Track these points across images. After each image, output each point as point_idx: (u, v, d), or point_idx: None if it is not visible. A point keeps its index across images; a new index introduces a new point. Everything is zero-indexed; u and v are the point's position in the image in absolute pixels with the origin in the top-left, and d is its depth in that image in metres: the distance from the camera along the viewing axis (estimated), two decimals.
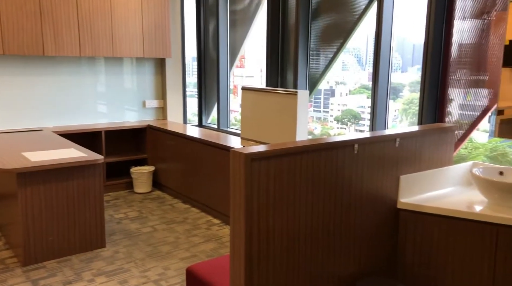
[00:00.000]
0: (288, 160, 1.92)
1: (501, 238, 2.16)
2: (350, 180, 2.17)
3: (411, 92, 3.93)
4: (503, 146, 4.08)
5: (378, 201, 2.32)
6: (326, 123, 4.62)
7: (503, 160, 3.31)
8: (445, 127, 2.61)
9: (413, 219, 2.38)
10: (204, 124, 5.83)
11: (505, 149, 4.03)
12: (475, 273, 2.23)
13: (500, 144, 4.03)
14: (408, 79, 3.93)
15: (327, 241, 2.12)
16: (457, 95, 3.28)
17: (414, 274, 2.39)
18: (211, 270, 2.22)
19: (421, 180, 2.48)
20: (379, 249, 2.37)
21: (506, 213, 2.18)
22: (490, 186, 2.28)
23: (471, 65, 3.16)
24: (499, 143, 4.07)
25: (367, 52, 4.31)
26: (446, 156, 2.65)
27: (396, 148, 2.35)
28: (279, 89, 3.50)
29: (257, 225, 1.86)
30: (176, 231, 3.95)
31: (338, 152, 2.10)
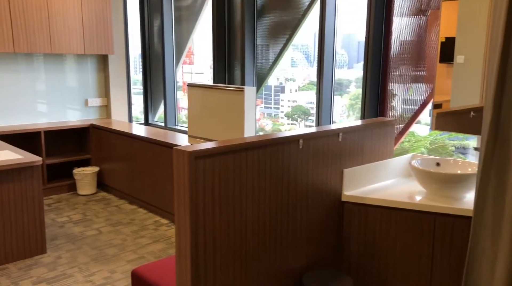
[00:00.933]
0: (234, 157, 1.91)
1: (438, 226, 2.27)
2: (295, 175, 2.19)
3: (357, 88, 4.03)
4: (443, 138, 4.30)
5: (323, 195, 2.36)
6: (277, 119, 4.66)
7: (443, 151, 3.47)
8: (386, 121, 2.70)
9: (357, 210, 2.44)
10: (151, 122, 5.70)
11: (444, 141, 4.24)
12: (415, 260, 2.33)
13: (440, 137, 4.24)
14: (354, 75, 4.03)
15: (274, 237, 2.13)
16: (400, 90, 3.41)
17: (359, 264, 2.46)
18: (157, 271, 2.16)
19: (363, 172, 2.56)
20: (325, 242, 2.42)
21: (443, 202, 2.30)
22: (428, 177, 2.39)
23: (411, 61, 3.30)
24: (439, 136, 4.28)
25: (315, 49, 4.38)
26: (387, 149, 2.75)
27: (339, 142, 2.40)
28: (226, 86, 3.47)
29: (203, 224, 1.83)
30: (123, 233, 3.83)
31: (283, 148, 2.11)
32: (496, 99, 1.80)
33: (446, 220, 2.25)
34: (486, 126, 1.83)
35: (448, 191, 2.34)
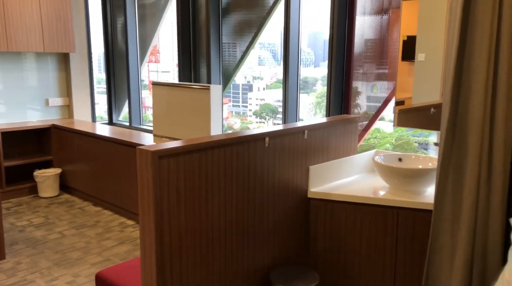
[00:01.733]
0: (199, 156, 1.89)
1: (401, 219, 2.33)
2: (262, 173, 2.19)
3: (323, 86, 4.08)
4: (407, 134, 4.41)
5: (289, 192, 2.38)
6: (245, 118, 4.65)
7: (408, 147, 3.56)
8: (350, 118, 2.74)
9: (323, 207, 2.47)
10: (115, 122, 5.57)
11: (409, 138, 4.35)
12: (379, 254, 2.38)
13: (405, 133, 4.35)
14: (320, 74, 4.07)
15: (241, 235, 2.13)
16: (364, 88, 3.48)
17: (326, 259, 2.49)
18: (122, 273, 2.12)
19: (329, 169, 2.59)
20: (292, 239, 2.44)
21: (405, 196, 2.36)
22: (390, 172, 2.44)
23: (375, 59, 3.37)
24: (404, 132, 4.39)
25: (282, 48, 4.40)
26: (351, 145, 2.79)
27: (305, 140, 2.43)
28: (191, 84, 3.44)
29: (168, 224, 1.80)
30: (87, 236, 3.73)
31: (249, 146, 2.11)
32: (453, 96, 1.86)
33: (408, 213, 2.31)
34: (445, 122, 1.89)
35: (410, 185, 2.40)
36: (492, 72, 1.82)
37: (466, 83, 1.86)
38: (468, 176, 1.87)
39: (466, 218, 1.88)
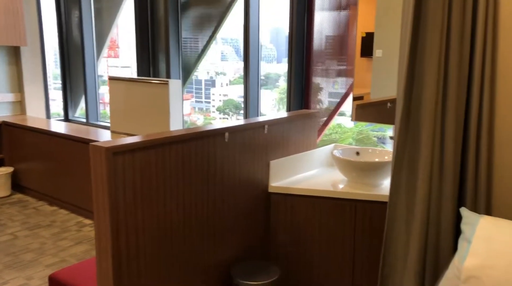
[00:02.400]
0: (156, 152, 1.85)
1: (359, 212, 2.37)
2: (222, 168, 2.18)
3: (286, 82, 4.10)
4: (367, 129, 4.50)
5: (250, 187, 2.38)
6: (208, 114, 4.61)
7: (368, 142, 3.63)
8: (309, 113, 2.77)
9: (283, 201, 2.49)
10: (71, 118, 5.39)
11: (368, 132, 4.45)
12: (339, 246, 2.42)
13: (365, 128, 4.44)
14: (283, 70, 4.09)
15: (201, 231, 2.11)
16: (326, 84, 3.52)
17: (286, 253, 2.51)
18: (77, 274, 2.05)
19: (289, 163, 2.61)
20: (253, 233, 2.44)
21: (362, 189, 2.41)
22: (348, 166, 2.49)
23: (335, 56, 3.41)
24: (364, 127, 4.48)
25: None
26: (311, 140, 2.82)
27: (265, 135, 2.43)
28: (149, 79, 3.37)
29: (125, 222, 1.76)
30: (42, 236, 3.59)
31: (208, 141, 2.09)
32: (406, 90, 1.91)
33: (366, 206, 2.36)
34: (399, 116, 1.94)
35: (367, 178, 2.45)
36: (443, 67, 1.88)
37: (419, 78, 1.91)
38: (421, 168, 1.93)
39: (419, 208, 1.94)
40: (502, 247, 1.49)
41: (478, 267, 1.49)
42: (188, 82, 4.36)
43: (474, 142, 1.91)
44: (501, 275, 1.45)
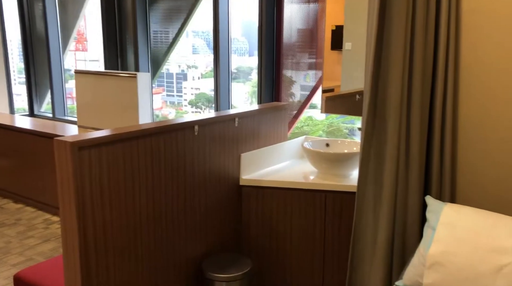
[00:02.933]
0: (123, 146, 1.82)
1: (328, 202, 2.41)
2: (192, 162, 2.16)
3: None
4: (338, 122, 4.55)
5: (221, 180, 2.37)
6: (180, 107, 4.56)
7: (338, 134, 3.67)
8: (279, 105, 2.78)
9: (255, 193, 2.49)
10: (37, 113, 5.22)
11: (339, 125, 4.50)
12: (309, 236, 2.45)
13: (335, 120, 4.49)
14: (255, 63, 4.08)
15: (172, 226, 2.09)
16: (298, 77, 3.53)
17: (258, 245, 2.52)
18: (44, 272, 2.00)
19: (260, 156, 2.61)
20: (225, 227, 2.44)
21: (332, 180, 2.44)
22: (318, 157, 2.51)
23: (306, 49, 3.42)
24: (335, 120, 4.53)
25: None
26: (282, 132, 2.83)
27: (235, 127, 2.42)
28: (117, 72, 3.30)
29: (92, 218, 1.72)
30: (7, 235, 3.48)
31: (177, 134, 2.06)
32: (373, 83, 1.94)
33: (336, 196, 2.39)
34: (365, 109, 1.97)
35: (337, 169, 2.49)
36: (408, 60, 1.92)
37: (385, 71, 1.95)
38: (388, 159, 1.97)
39: (387, 198, 1.98)
40: (465, 234, 1.54)
41: (442, 254, 1.54)
42: (157, 75, 4.30)
43: (438, 133, 1.97)
44: (464, 261, 1.50)
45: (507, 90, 1.89)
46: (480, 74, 1.94)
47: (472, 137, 1.99)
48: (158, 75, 4.30)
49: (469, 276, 1.48)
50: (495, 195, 1.96)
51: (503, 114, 1.91)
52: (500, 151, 1.93)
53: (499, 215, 1.58)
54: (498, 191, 1.95)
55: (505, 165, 1.93)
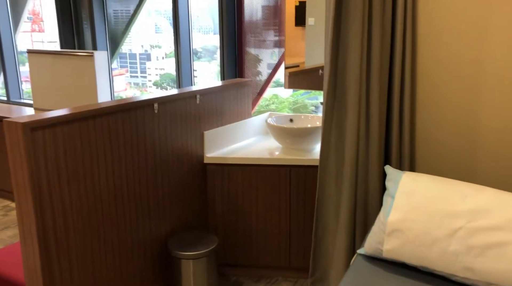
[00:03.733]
0: (79, 126, 1.75)
1: (293, 176, 2.43)
2: (153, 141, 2.12)
3: None
4: (303, 98, 4.55)
5: (185, 159, 2.34)
6: (145, 89, 4.44)
7: (304, 111, 3.68)
8: (242, 82, 2.75)
9: (219, 171, 2.48)
10: None
11: (304, 101, 4.51)
12: (275, 210, 2.48)
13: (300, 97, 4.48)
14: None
15: (135, 206, 2.06)
16: (264, 55, 3.50)
17: (225, 222, 2.53)
18: (2, 259, 1.93)
19: (224, 133, 2.60)
20: (190, 205, 2.42)
21: (296, 155, 2.46)
22: (282, 132, 2.52)
23: (272, 26, 3.38)
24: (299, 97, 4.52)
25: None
26: (245, 109, 2.82)
27: (197, 105, 2.38)
28: (72, 51, 3.17)
29: (49, 201, 1.67)
30: None
31: (137, 113, 2.01)
32: (332, 56, 1.95)
33: (299, 170, 2.42)
34: (326, 81, 1.98)
35: (300, 144, 2.51)
36: (367, 33, 1.93)
37: (344, 44, 1.95)
38: (349, 130, 2.00)
39: (348, 170, 2.02)
40: (422, 201, 1.59)
41: (401, 221, 1.59)
42: (116, 54, 4.16)
43: (397, 104, 2.00)
44: (421, 227, 1.55)
45: (461, 60, 1.93)
46: (436, 45, 1.97)
47: (430, 108, 2.04)
48: (117, 54, 4.17)
49: (426, 241, 1.53)
50: (451, 162, 2.03)
51: (458, 86, 1.96)
52: (455, 121, 1.99)
53: (454, 181, 1.64)
54: (454, 158, 2.02)
55: (460, 134, 1.99)
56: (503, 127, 1.89)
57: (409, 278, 1.57)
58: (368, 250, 1.68)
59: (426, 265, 1.55)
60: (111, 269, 1.96)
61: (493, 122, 1.91)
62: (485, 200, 1.52)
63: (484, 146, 1.94)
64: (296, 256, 2.52)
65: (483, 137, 1.94)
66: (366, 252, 1.70)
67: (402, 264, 1.64)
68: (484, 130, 1.94)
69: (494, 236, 1.45)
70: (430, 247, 1.53)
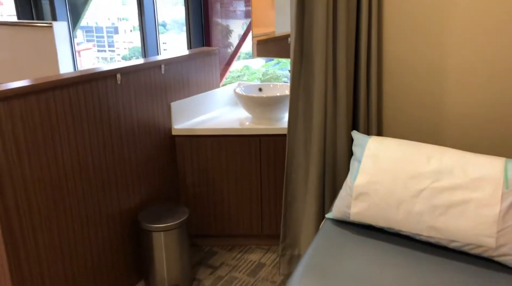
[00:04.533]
0: (37, 99, 1.68)
1: (263, 146, 2.42)
2: (118, 113, 2.06)
3: None
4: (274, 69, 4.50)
5: (152, 131, 2.29)
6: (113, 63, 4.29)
7: (276, 82, 3.65)
8: (209, 50, 2.69)
9: (188, 143, 2.45)
10: None
11: (275, 72, 4.46)
12: (246, 180, 2.48)
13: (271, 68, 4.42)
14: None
15: (101, 180, 2.01)
16: (235, 26, 3.42)
17: (195, 194, 2.52)
18: None
19: (192, 104, 2.55)
20: (160, 178, 2.39)
21: (266, 124, 2.45)
22: (251, 102, 2.49)
23: None
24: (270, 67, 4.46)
25: None
26: (213, 79, 2.77)
27: (162, 75, 2.32)
28: (30, 22, 3.02)
29: (10, 178, 1.60)
30: None
31: (98, 84, 1.94)
32: (298, 20, 1.91)
33: (269, 140, 2.41)
34: (292, 47, 1.95)
35: (270, 113, 2.49)
36: None
37: (309, 8, 1.91)
38: (316, 97, 1.99)
39: (316, 136, 2.02)
40: (387, 164, 1.61)
41: (367, 184, 1.61)
42: (78, 25, 4.00)
43: (364, 70, 2.00)
44: (386, 189, 1.57)
45: (428, 22, 1.93)
46: (401, 11, 1.96)
47: (396, 73, 2.05)
48: (79, 25, 4.00)
49: (391, 202, 1.56)
50: (418, 128, 2.06)
51: (423, 52, 1.97)
52: (419, 86, 2.01)
53: (419, 144, 1.66)
54: (420, 124, 2.05)
55: (425, 100, 2.01)
56: (466, 94, 1.92)
57: (376, 240, 1.61)
58: (336, 214, 1.71)
59: (392, 226, 1.59)
60: (79, 244, 1.93)
61: (456, 89, 1.94)
62: (449, 161, 1.55)
63: (448, 112, 1.98)
64: (269, 224, 2.54)
65: (447, 105, 1.97)
66: (334, 216, 1.72)
67: (369, 226, 1.68)
68: (448, 98, 1.96)
69: (457, 195, 1.48)
70: (395, 208, 1.56)
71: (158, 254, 2.11)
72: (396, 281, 1.39)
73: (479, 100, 1.91)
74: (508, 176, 1.45)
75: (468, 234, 1.45)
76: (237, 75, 4.17)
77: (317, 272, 1.44)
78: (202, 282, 2.28)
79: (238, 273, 2.35)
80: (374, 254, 1.53)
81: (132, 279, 2.26)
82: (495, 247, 1.42)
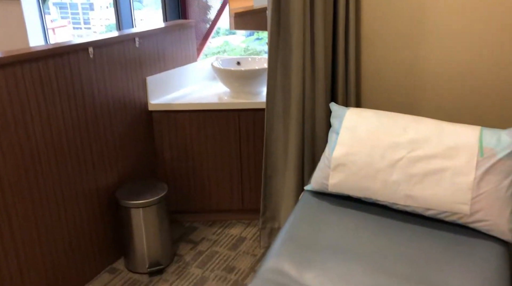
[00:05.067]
0: (4, 73, 1.61)
1: (242, 120, 2.40)
2: (91, 88, 2.00)
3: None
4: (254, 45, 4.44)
5: (128, 106, 2.24)
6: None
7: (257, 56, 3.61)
8: (184, 23, 2.62)
9: (166, 118, 2.41)
10: None
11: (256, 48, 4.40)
12: (226, 155, 2.46)
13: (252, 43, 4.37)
14: None
15: (76, 158, 1.97)
16: (214, 2, 3.34)
17: (174, 169, 2.49)
18: None
19: (168, 79, 2.50)
20: (137, 154, 2.35)
21: (245, 98, 2.42)
22: (229, 75, 2.45)
23: None
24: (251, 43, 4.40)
25: None
26: (190, 53, 2.71)
27: (137, 49, 2.25)
28: None
29: None
30: None
31: (69, 58, 1.87)
32: None
33: (248, 114, 2.39)
34: (269, 18, 1.91)
35: (248, 87, 2.46)
36: None
37: None
38: (294, 70, 1.96)
39: (295, 109, 2.01)
40: (365, 134, 1.61)
41: (344, 155, 1.61)
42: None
43: (342, 41, 1.98)
44: (364, 159, 1.58)
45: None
46: None
47: (374, 45, 2.04)
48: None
49: (369, 173, 1.57)
50: (396, 99, 2.07)
51: (401, 19, 1.95)
52: (398, 57, 2.00)
53: (396, 114, 1.66)
54: (398, 95, 2.06)
55: (403, 70, 2.01)
56: (443, 64, 1.92)
57: (354, 210, 1.63)
58: (314, 185, 1.71)
59: (370, 196, 1.60)
60: (56, 224, 1.90)
61: (434, 59, 1.94)
62: (425, 130, 1.56)
63: (426, 83, 1.98)
64: (249, 198, 2.55)
65: (425, 74, 1.97)
66: (313, 188, 1.73)
67: (348, 197, 1.69)
68: (425, 69, 1.96)
69: (432, 164, 1.50)
70: (373, 178, 1.57)
71: (137, 230, 2.09)
72: (374, 250, 1.41)
73: (456, 69, 1.91)
74: (483, 144, 1.47)
75: (444, 201, 1.47)
76: (217, 51, 4.11)
77: (295, 243, 1.45)
78: (183, 258, 2.28)
79: (219, 248, 2.36)
80: (352, 224, 1.54)
81: (112, 257, 2.24)
82: (469, 213, 1.45)
